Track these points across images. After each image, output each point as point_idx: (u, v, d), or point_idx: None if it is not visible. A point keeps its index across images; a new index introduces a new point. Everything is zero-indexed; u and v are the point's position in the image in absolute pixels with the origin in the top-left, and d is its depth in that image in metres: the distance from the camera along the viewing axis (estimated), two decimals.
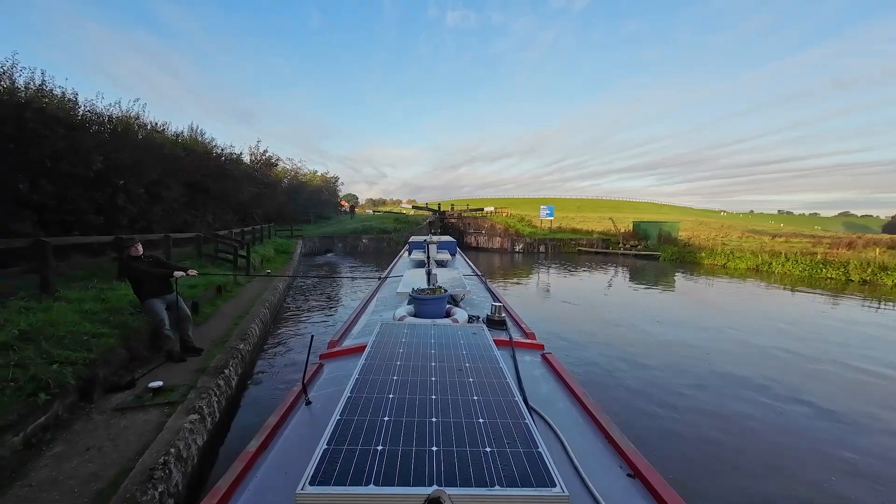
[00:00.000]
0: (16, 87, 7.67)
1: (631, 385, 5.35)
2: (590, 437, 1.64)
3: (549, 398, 1.97)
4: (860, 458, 3.78)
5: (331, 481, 1.02)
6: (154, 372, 4.32)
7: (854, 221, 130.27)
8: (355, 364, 1.79)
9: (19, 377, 3.20)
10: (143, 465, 2.77)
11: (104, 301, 5.17)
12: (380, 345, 2.00)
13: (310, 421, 1.75)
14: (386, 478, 1.04)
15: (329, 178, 47.55)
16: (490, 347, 2.03)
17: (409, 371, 1.71)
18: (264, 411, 3.87)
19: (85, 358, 3.79)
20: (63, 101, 8.52)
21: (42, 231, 7.15)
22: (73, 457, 2.88)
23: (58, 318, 4.28)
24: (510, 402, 1.47)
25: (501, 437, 1.24)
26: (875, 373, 5.87)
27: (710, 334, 7.70)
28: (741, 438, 4.14)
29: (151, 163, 10.77)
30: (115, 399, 3.71)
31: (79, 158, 7.79)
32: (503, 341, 2.60)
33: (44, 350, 3.64)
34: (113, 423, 3.34)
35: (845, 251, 17.43)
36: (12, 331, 3.73)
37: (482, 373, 1.72)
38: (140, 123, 12.17)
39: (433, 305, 3.13)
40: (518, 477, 1.06)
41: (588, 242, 24.51)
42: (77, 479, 2.65)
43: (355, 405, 1.41)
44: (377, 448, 1.16)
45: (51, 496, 2.49)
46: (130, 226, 9.85)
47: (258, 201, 21.49)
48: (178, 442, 3.05)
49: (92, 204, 8.26)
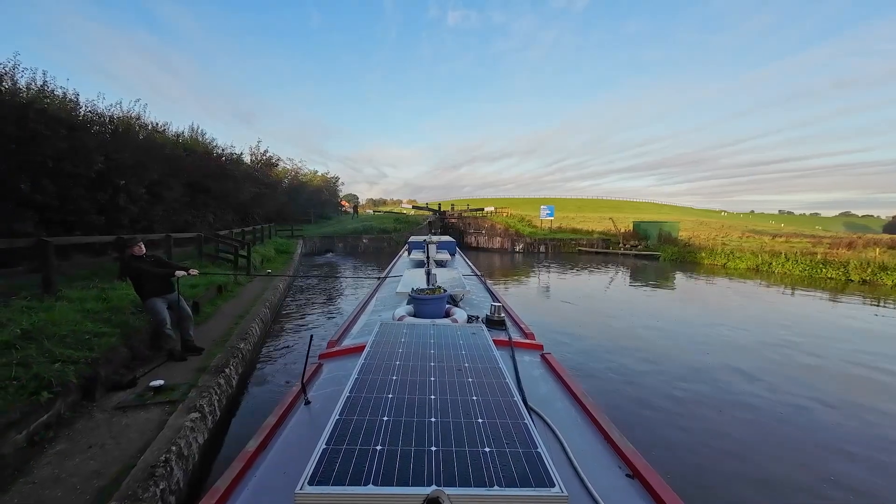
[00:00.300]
0: (17, 87, 7.70)
1: (631, 384, 5.36)
2: (589, 438, 1.64)
3: (548, 398, 1.97)
4: (861, 459, 3.79)
5: (330, 481, 1.02)
6: (155, 371, 4.34)
7: (855, 221, 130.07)
8: (354, 364, 1.79)
9: (22, 376, 3.23)
10: (144, 462, 2.79)
11: (106, 300, 5.20)
12: (379, 345, 2.00)
13: (309, 421, 1.75)
14: (385, 478, 1.04)
15: (329, 178, 47.65)
16: (489, 347, 2.02)
17: (408, 371, 1.71)
18: (265, 410, 3.90)
19: (87, 357, 3.82)
20: (64, 102, 8.55)
21: (44, 231, 7.19)
22: (76, 454, 2.90)
23: (60, 318, 4.32)
24: (509, 402, 1.47)
25: (500, 437, 1.24)
26: (875, 371, 5.89)
27: (710, 333, 7.71)
28: (741, 438, 4.15)
29: (152, 163, 10.81)
30: (116, 398, 3.74)
31: (80, 159, 7.83)
32: (502, 341, 2.60)
33: (46, 349, 3.67)
34: (115, 421, 3.37)
35: (845, 251, 17.43)
36: (15, 330, 3.76)
37: (481, 373, 1.72)
38: (141, 124, 12.22)
39: (432, 305, 3.13)
40: (517, 477, 1.06)
41: (588, 242, 24.52)
42: (79, 477, 2.68)
43: (354, 405, 1.41)
44: (376, 448, 1.16)
45: (53, 493, 2.52)
46: (131, 226, 9.89)
47: (259, 201, 21.54)
48: (179, 440, 3.08)
49: (93, 204, 8.30)
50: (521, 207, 43.58)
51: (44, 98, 7.94)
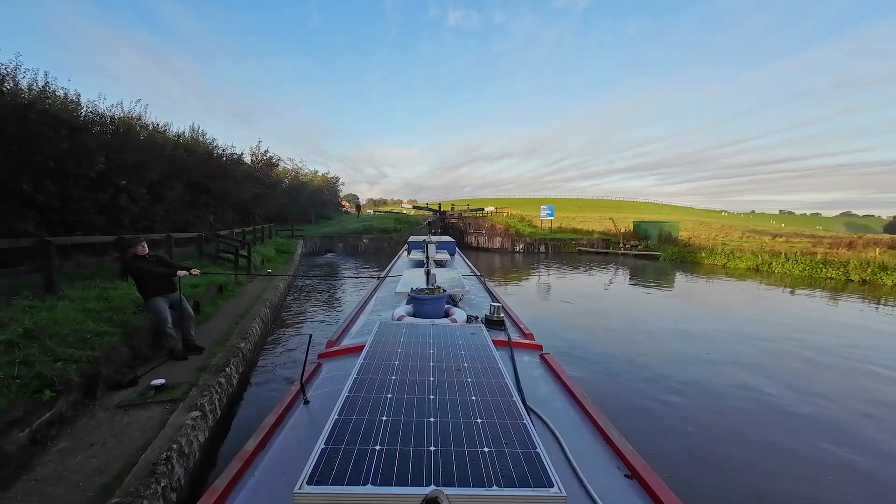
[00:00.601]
0: (19, 88, 7.74)
1: (631, 384, 5.38)
2: (587, 438, 1.65)
3: (547, 399, 1.97)
4: (859, 458, 3.80)
5: (329, 481, 1.02)
6: (156, 370, 4.37)
7: (855, 221, 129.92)
8: (354, 363, 1.79)
9: (25, 374, 3.26)
10: (146, 460, 2.82)
11: (107, 300, 5.23)
12: (378, 344, 2.00)
13: (308, 420, 1.75)
14: (384, 477, 1.04)
15: (330, 178, 47.70)
16: (488, 348, 2.02)
17: (407, 371, 1.70)
18: (265, 408, 3.93)
19: (88, 356, 3.85)
20: (66, 103, 8.59)
21: (45, 231, 7.23)
22: (78, 452, 2.93)
23: (62, 317, 4.35)
24: (508, 402, 1.46)
25: (499, 437, 1.24)
26: (873, 368, 5.91)
27: (710, 333, 7.73)
28: (741, 437, 4.16)
29: (153, 163, 10.85)
30: (118, 396, 3.77)
31: (82, 159, 7.86)
32: (502, 341, 2.60)
33: (48, 348, 3.70)
34: (116, 419, 3.40)
35: (845, 251, 17.43)
36: (17, 329, 3.79)
37: (480, 373, 1.72)
38: (142, 124, 12.26)
39: (432, 305, 3.13)
40: (516, 477, 1.06)
41: (588, 242, 24.54)
42: (81, 474, 2.70)
43: (353, 405, 1.41)
44: (375, 448, 1.16)
45: (56, 490, 2.55)
46: (132, 226, 9.92)
47: (259, 201, 21.57)
48: (180, 438, 3.11)
49: (94, 204, 8.34)
50: (522, 207, 43.60)
51: (45, 99, 7.98)
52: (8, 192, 6.80)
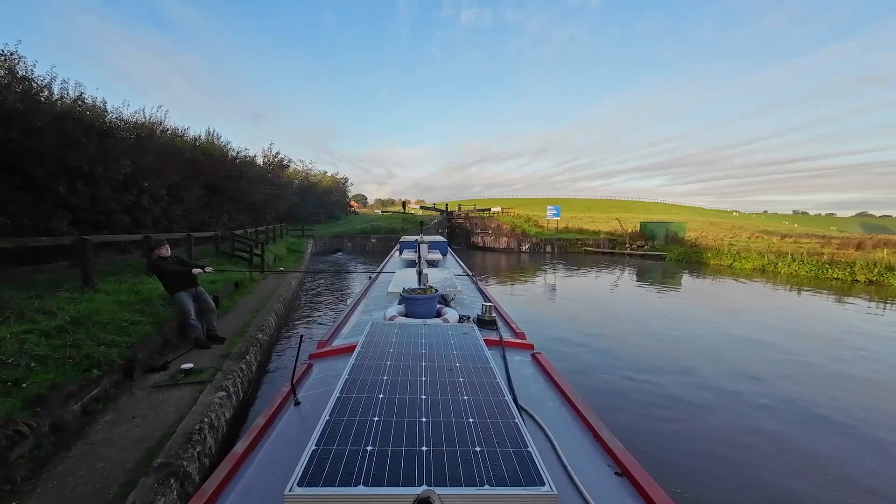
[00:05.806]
0: (54, 98, 8.31)
1: (631, 383, 5.37)
2: (578, 437, 1.65)
3: (538, 398, 1.98)
4: (862, 459, 3.84)
5: (320, 482, 1.01)
6: (184, 356, 4.81)
7: (871, 222, 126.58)
8: (345, 364, 1.78)
9: (75, 356, 3.72)
10: (182, 430, 3.23)
11: (137, 293, 5.70)
12: (370, 345, 2.00)
13: (299, 421, 1.74)
14: (375, 478, 1.04)
15: (339, 178, 48.47)
16: (480, 347, 2.02)
17: (399, 371, 1.70)
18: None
19: (126, 341, 4.30)
20: (94, 109, 9.16)
21: (76, 230, 7.77)
22: (123, 423, 3.36)
23: (100, 307, 4.82)
24: (500, 401, 1.47)
25: (491, 436, 1.25)
26: (874, 368, 6.05)
27: (710, 332, 7.93)
28: (742, 436, 4.20)
29: (173, 166, 11.41)
30: (152, 378, 4.21)
31: (110, 163, 8.42)
32: (493, 341, 2.61)
33: (92, 334, 4.17)
34: (152, 397, 3.83)
35: (853, 252, 17.33)
36: (65, 317, 4.26)
37: (472, 372, 1.71)
38: (162, 129, 12.86)
39: (424, 305, 3.13)
40: (507, 476, 1.06)
41: (594, 243, 24.65)
42: (128, 440, 3.13)
43: (345, 405, 1.40)
44: (367, 448, 1.16)
45: (109, 452, 2.98)
46: (154, 225, 10.47)
47: (271, 202, 22.15)
48: (210, 413, 3.52)
49: (120, 205, 8.88)
50: (529, 208, 43.71)
51: (78, 107, 8.56)
52: (47, 195, 7.36)
